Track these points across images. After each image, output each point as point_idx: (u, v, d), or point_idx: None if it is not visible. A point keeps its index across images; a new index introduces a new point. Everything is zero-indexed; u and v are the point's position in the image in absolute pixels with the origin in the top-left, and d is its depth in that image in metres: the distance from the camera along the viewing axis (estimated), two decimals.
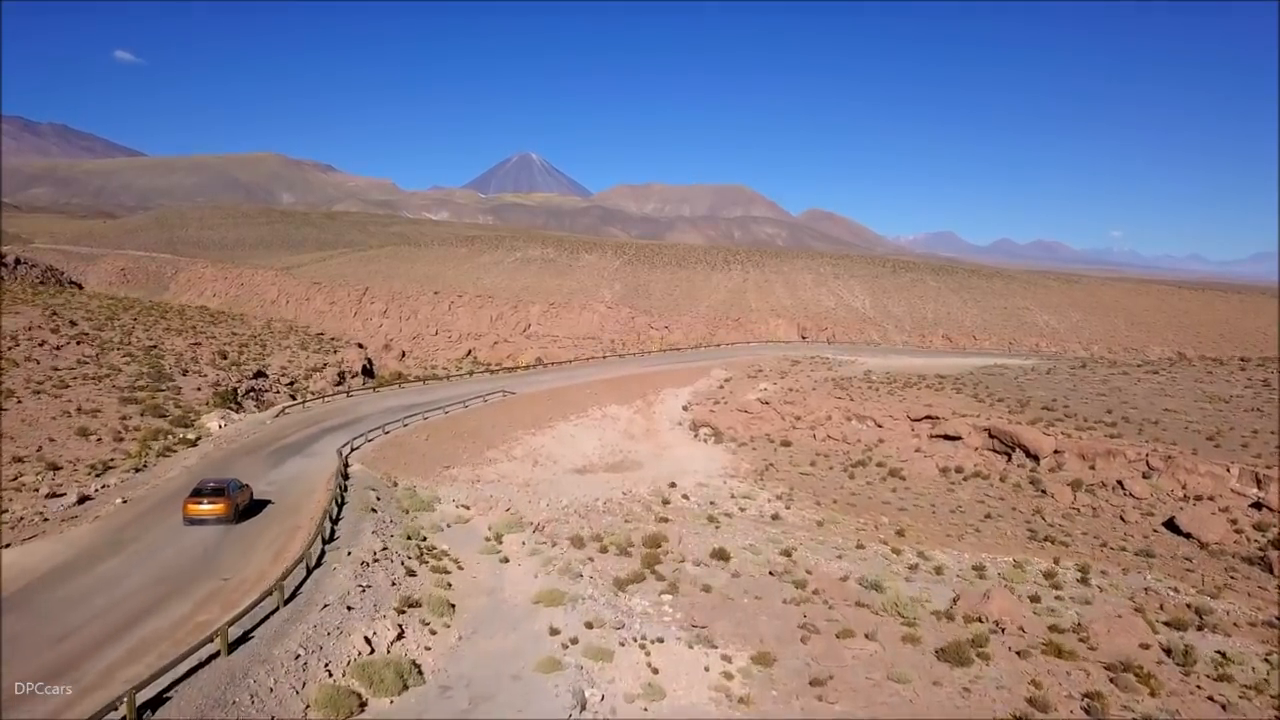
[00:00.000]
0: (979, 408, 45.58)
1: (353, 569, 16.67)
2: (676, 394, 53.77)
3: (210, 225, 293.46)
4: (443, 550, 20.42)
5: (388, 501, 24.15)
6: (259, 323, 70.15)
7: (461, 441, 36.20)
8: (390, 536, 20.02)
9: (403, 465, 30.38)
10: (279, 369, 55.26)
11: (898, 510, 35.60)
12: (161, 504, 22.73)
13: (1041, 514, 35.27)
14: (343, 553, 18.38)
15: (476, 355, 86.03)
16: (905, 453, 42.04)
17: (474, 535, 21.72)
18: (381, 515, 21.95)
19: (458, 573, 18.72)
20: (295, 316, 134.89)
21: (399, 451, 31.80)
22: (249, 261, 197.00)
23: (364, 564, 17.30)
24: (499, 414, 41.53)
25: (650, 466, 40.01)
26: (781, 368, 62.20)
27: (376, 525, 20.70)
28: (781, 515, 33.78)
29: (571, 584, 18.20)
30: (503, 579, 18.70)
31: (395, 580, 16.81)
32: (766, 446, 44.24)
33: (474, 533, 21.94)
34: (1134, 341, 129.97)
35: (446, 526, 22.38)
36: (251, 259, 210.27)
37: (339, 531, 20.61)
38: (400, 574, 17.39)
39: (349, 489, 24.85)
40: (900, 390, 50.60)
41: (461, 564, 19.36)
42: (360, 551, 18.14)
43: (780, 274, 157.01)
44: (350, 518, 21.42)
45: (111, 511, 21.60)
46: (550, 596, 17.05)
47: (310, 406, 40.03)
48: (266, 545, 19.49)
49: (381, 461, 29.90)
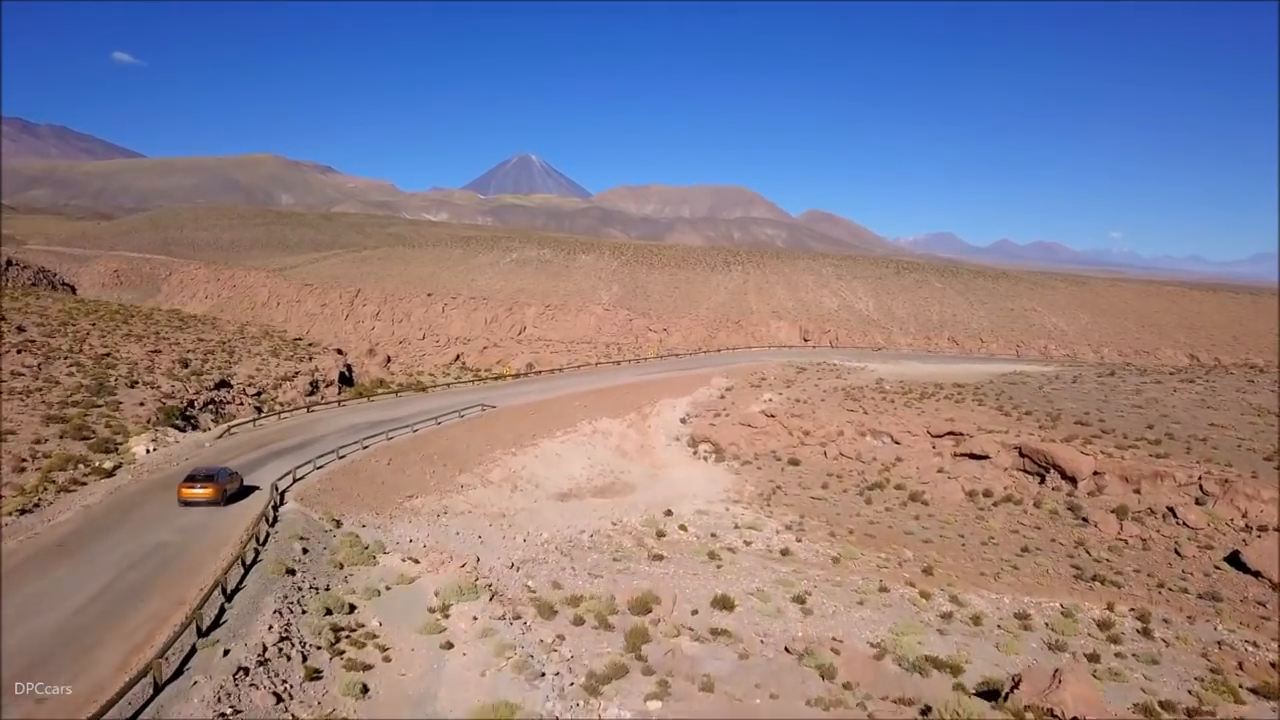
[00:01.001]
0: (1005, 422, 41.51)
1: (220, 683, 11.85)
2: (674, 405, 49.67)
3: (206, 226, 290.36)
4: (370, 631, 15.92)
5: (317, 555, 19.86)
6: (233, 327, 66.06)
7: (430, 465, 32.09)
8: (300, 614, 15.49)
9: (354, 498, 26.19)
10: (245, 378, 51.17)
11: (922, 542, 31.54)
12: (28, 563, 18.05)
13: (1085, 546, 31.20)
14: (217, 652, 13.71)
15: (465, 361, 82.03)
16: (927, 473, 37.97)
17: (417, 603, 17.37)
18: (300, 578, 17.58)
19: (382, 668, 14.26)
20: (286, 319, 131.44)
21: (353, 481, 27.66)
22: (244, 263, 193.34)
23: (242, 671, 12.56)
24: (476, 431, 37.43)
25: (644, 490, 35.95)
26: (786, 376, 58.15)
27: (286, 596, 16.09)
28: (792, 550, 29.73)
29: (528, 689, 13.86)
30: (440, 677, 14.24)
31: (284, 693, 12.35)
32: (773, 465, 40.17)
33: (418, 599, 17.61)
34: (1145, 344, 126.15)
35: (385, 589, 18.10)
36: (247, 260, 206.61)
37: (231, 609, 16.11)
38: (296, 680, 12.94)
39: (271, 539, 20.32)
40: (917, 402, 46.54)
41: (390, 653, 14.80)
42: (244, 648, 13.50)
43: (781, 275, 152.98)
44: (254, 586, 17.00)
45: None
46: (497, 712, 12.67)
47: (264, 424, 35.76)
48: (127, 633, 14.72)
49: (329, 495, 25.73)
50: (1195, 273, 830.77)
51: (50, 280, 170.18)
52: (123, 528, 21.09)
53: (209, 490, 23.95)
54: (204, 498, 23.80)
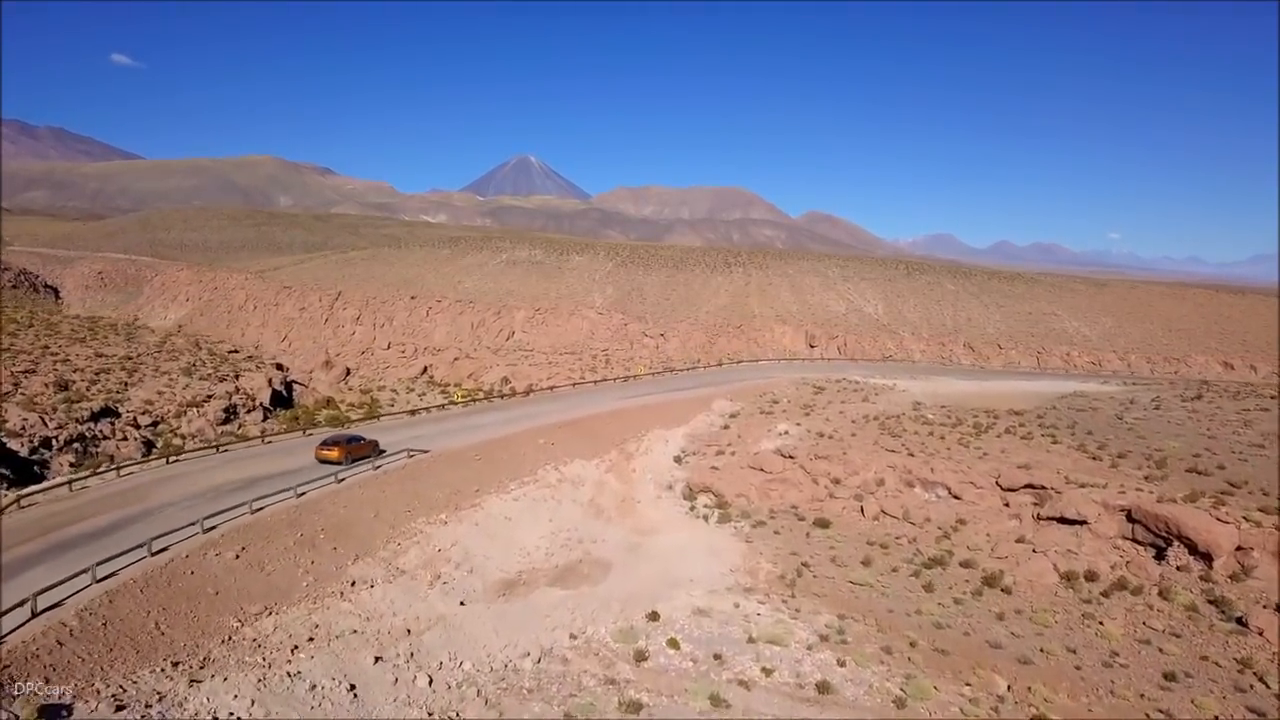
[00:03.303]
0: (1096, 469, 31.89)
1: None
2: (666, 439, 40.02)
3: (195, 227, 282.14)
4: None
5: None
6: (156, 337, 56.55)
7: (309, 553, 22.30)
8: None
9: (144, 638, 16.04)
10: (141, 404, 41.67)
11: (1017, 662, 21.89)
12: None
13: (1254, 669, 21.57)
14: None
15: (433, 373, 72.41)
16: (1003, 543, 28.31)
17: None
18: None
19: None
20: (263, 323, 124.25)
21: (162, 598, 17.66)
22: (232, 265, 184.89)
23: None
24: (394, 491, 27.56)
25: (622, 572, 26.30)
26: (803, 398, 48.52)
27: None
28: (832, 684, 20.08)
29: None
30: None
31: None
32: (795, 529, 30.51)
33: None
34: (1175, 351, 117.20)
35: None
36: (235, 262, 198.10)
37: None
38: None
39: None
40: (973, 437, 36.89)
41: None
42: None
43: (785, 276, 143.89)
44: None
45: None
46: None
47: (89, 486, 25.41)
48: None
49: (107, 629, 15.99)
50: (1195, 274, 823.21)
51: (32, 283, 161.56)
52: None
53: (335, 452, 29.74)
54: (333, 458, 29.51)
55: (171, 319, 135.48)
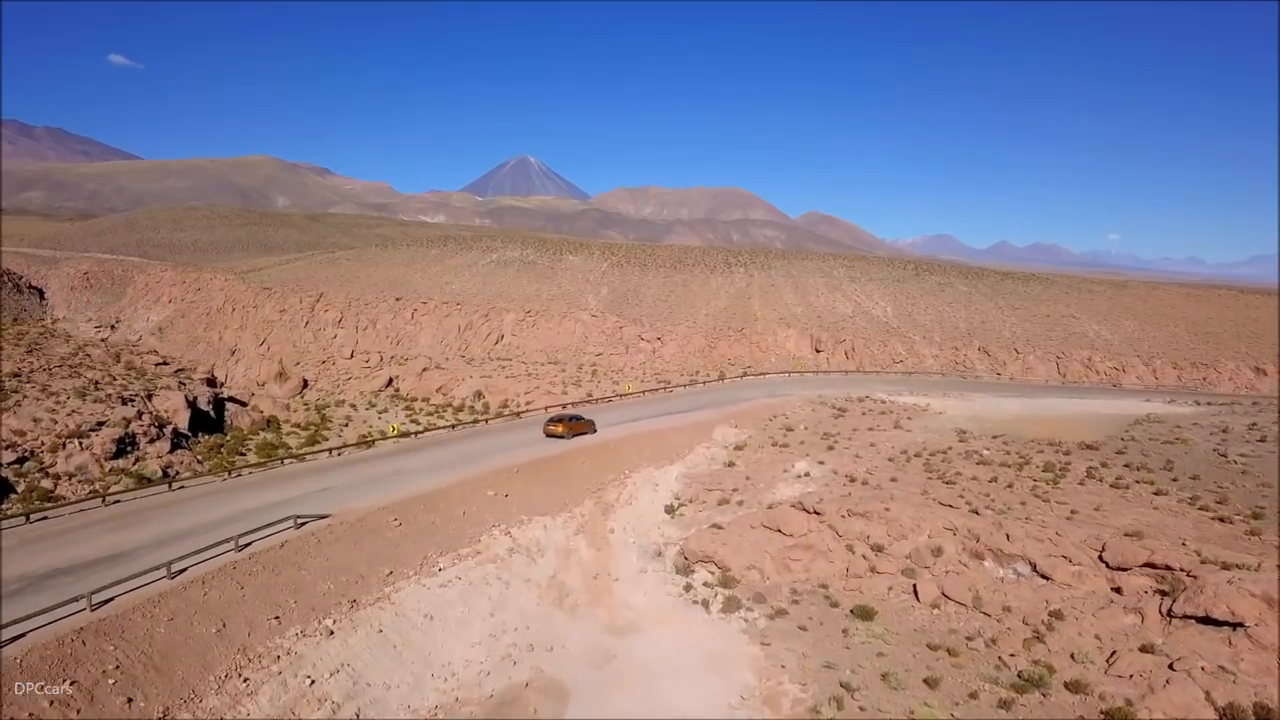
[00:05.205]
0: (1228, 536, 23.78)
1: None
2: (656, 481, 31.88)
3: (184, 227, 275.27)
4: None
5: None
6: (67, 348, 48.49)
7: (103, 704, 14.36)
8: None
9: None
10: (11, 433, 33.67)
11: None
12: None
13: None
14: None
15: (399, 386, 64.42)
16: (1124, 654, 20.13)
17: None
18: None
19: None
20: (241, 326, 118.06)
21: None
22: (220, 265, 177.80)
23: None
24: (260, 584, 19.03)
25: (584, 705, 18.21)
26: (822, 422, 40.40)
27: None
28: None
29: None
30: None
31: None
32: (827, 621, 22.38)
33: None
34: (1203, 355, 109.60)
35: None
36: (225, 262, 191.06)
37: None
38: None
39: None
40: (1048, 484, 28.72)
41: None
42: None
43: (789, 277, 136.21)
44: None
45: None
46: None
47: None
48: None
49: None
50: (1194, 274, 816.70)
51: (16, 283, 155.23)
52: None
53: (560, 427, 36.25)
54: (559, 433, 35.99)
55: (153, 321, 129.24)
